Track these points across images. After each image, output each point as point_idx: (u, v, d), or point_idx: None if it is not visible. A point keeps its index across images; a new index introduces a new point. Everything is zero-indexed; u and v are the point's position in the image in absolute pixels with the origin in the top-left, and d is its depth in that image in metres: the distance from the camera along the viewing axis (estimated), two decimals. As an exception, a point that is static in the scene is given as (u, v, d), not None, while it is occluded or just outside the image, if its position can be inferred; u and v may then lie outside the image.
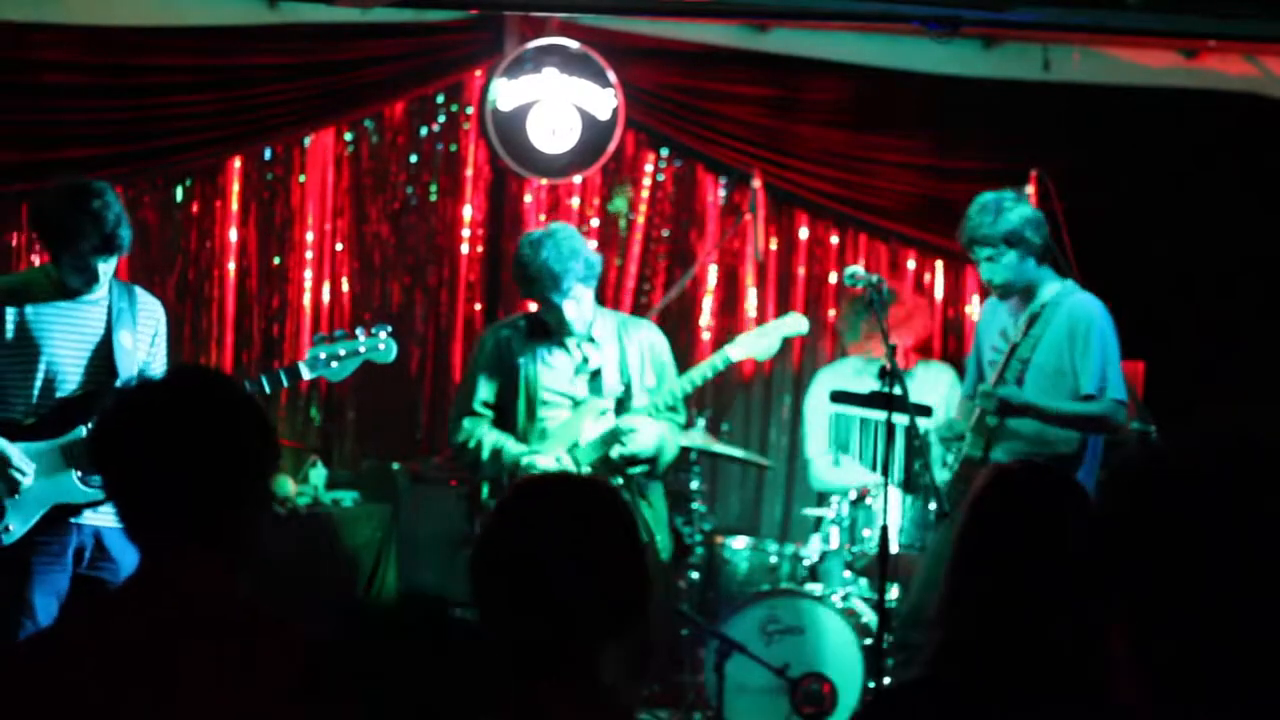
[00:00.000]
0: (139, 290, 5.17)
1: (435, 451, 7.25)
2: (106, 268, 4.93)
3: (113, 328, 4.99)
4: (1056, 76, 7.63)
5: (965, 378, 5.87)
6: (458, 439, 5.80)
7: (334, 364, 5.22)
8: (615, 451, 5.69)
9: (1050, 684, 2.47)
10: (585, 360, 5.80)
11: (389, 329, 5.34)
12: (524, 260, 5.66)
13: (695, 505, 6.59)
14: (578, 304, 5.68)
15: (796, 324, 6.03)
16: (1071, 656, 2.48)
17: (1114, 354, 5.41)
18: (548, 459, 5.69)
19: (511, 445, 5.71)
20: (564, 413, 5.78)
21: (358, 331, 5.29)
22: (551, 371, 5.77)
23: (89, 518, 4.88)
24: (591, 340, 5.80)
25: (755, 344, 5.96)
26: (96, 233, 4.81)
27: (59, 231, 4.87)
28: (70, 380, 4.94)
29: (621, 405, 5.83)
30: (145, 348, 5.09)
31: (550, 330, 5.76)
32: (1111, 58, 7.68)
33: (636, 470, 5.76)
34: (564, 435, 5.77)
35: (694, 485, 6.61)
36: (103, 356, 4.97)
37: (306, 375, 5.23)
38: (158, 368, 5.14)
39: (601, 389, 5.81)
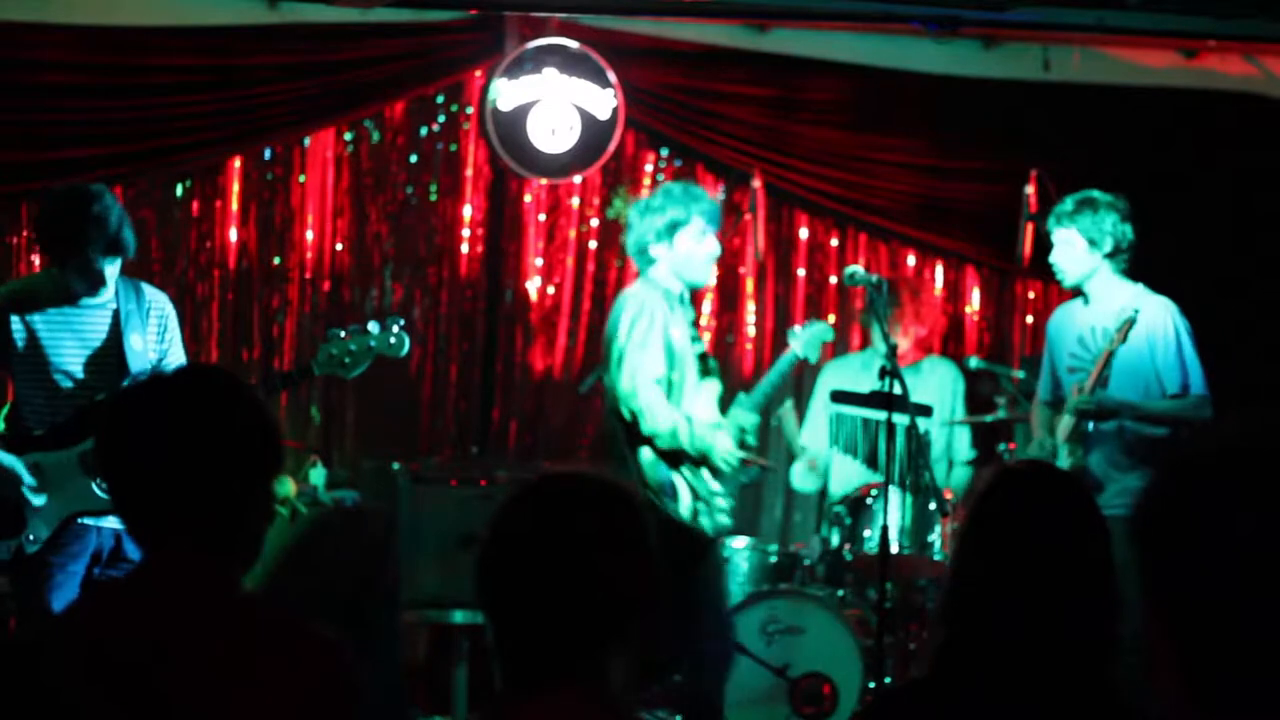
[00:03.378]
0: (145, 286, 5.14)
1: (435, 451, 7.25)
2: (112, 270, 4.91)
3: (122, 331, 4.96)
4: (1056, 76, 7.63)
5: (1040, 384, 5.94)
6: (667, 429, 5.48)
7: (346, 360, 5.03)
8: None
9: (1051, 684, 2.47)
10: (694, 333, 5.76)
11: (401, 321, 5.12)
12: (650, 207, 5.60)
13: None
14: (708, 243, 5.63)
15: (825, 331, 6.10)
16: (1073, 657, 2.48)
17: (1191, 352, 5.58)
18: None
19: (718, 439, 5.60)
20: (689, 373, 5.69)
21: (370, 326, 5.08)
22: (685, 333, 5.67)
23: (111, 520, 4.81)
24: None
25: (804, 339, 5.95)
26: (101, 237, 4.80)
27: (63, 238, 4.85)
28: (83, 387, 4.91)
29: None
30: (155, 344, 5.05)
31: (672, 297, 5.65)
32: (1111, 58, 7.68)
33: None
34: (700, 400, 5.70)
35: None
36: (114, 361, 4.93)
37: (316, 374, 5.09)
38: (173, 360, 5.08)
39: (716, 370, 5.79)
